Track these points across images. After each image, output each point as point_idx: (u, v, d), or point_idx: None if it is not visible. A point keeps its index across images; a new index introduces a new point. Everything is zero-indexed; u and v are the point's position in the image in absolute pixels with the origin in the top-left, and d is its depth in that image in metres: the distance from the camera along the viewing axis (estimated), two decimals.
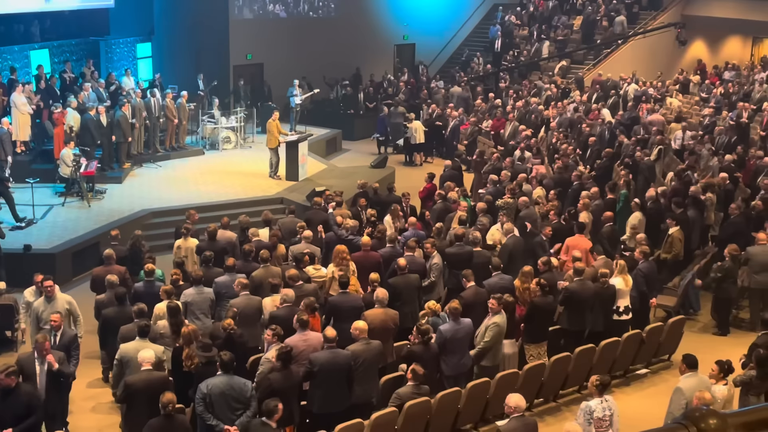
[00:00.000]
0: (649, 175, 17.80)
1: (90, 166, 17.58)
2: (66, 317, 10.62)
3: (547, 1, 31.49)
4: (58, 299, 10.84)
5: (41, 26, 22.89)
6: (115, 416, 10.36)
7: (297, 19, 27.42)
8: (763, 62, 29.49)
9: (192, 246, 13.36)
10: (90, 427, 10.49)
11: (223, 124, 22.35)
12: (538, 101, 24.66)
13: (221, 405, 8.70)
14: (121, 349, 9.67)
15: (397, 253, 12.75)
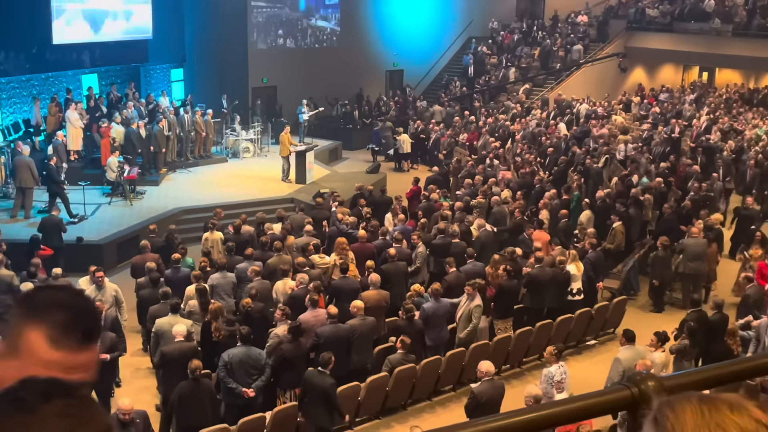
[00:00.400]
0: (597, 179, 17.83)
1: (132, 172, 17.58)
2: (112, 303, 10.53)
3: (513, 35, 31.44)
4: (107, 287, 10.70)
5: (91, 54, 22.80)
6: (152, 379, 10.35)
7: (304, 49, 27.38)
8: (692, 86, 29.61)
9: (217, 238, 13.33)
10: (131, 388, 10.48)
11: (243, 137, 22.31)
12: (505, 118, 24.66)
13: (240, 371, 8.73)
14: (157, 323, 9.69)
15: (388, 244, 12.76)
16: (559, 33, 30.90)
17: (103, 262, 14.58)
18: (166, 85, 25.14)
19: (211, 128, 21.55)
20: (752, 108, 26.17)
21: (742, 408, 1.17)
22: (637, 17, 30.42)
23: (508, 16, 32.61)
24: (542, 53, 29.74)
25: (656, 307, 13.39)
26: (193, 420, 8.25)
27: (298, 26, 26.98)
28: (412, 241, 12.87)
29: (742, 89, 28.62)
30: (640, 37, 30.04)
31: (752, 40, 27.20)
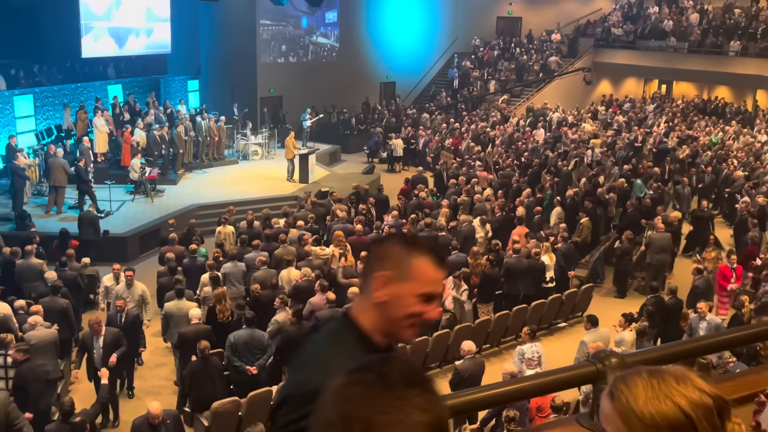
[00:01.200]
0: (567, 180, 17.86)
1: (153, 172, 17.53)
2: (138, 302, 10.03)
3: (493, 51, 31.44)
4: (136, 286, 10.15)
5: (116, 67, 22.77)
6: (169, 357, 10.33)
7: (307, 63, 27.36)
8: (652, 98, 29.65)
9: (229, 231, 13.33)
10: (152, 365, 10.48)
11: (252, 141, 22.29)
12: (486, 125, 24.69)
13: (245, 351, 8.74)
14: (165, 307, 9.76)
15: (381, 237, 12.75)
16: (534, 49, 30.93)
17: (127, 253, 14.63)
18: (183, 94, 25.07)
19: (224, 133, 21.51)
20: (706, 117, 26.21)
21: (687, 379, 1.19)
22: (604, 35, 30.46)
23: (488, 34, 32.60)
24: (518, 67, 29.77)
25: (619, 293, 13.41)
26: (204, 394, 8.26)
27: (300, 42, 26.92)
28: None
29: (696, 100, 28.67)
30: (606, 53, 30.07)
31: (705, 56, 27.28)
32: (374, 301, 1.64)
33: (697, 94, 29.71)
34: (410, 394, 1.03)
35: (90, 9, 19.81)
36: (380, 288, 1.64)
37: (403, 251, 1.66)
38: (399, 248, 1.67)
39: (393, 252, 1.66)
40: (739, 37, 26.68)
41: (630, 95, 30.32)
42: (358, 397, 1.01)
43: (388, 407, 1.00)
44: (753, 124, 24.68)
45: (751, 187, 16.56)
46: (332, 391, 1.06)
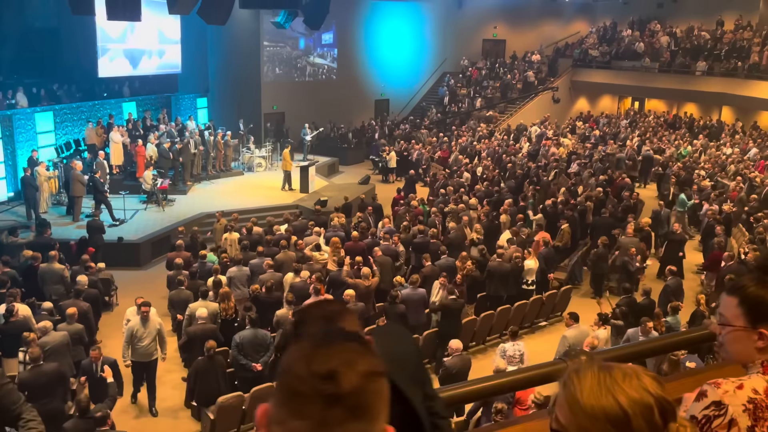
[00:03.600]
0: (547, 189, 17.89)
1: (164, 183, 17.52)
2: (154, 337, 8.99)
3: (480, 71, 31.54)
4: (152, 321, 9.05)
5: (130, 86, 22.76)
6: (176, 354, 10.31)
7: (307, 82, 27.41)
8: (626, 114, 29.77)
9: (235, 237, 13.32)
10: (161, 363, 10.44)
11: (257, 154, 22.31)
12: (473, 139, 24.74)
13: (250, 349, 8.72)
14: (189, 308, 9.67)
15: (375, 242, 12.76)
16: (517, 69, 31.05)
17: (140, 258, 14.61)
18: (193, 111, 25.06)
19: (230, 147, 21.53)
20: (675, 131, 26.32)
21: (633, 377, 1.18)
22: (581, 56, 30.60)
23: (475, 55, 32.70)
24: (503, 85, 29.87)
25: (596, 294, 13.42)
26: (209, 391, 8.26)
27: (297, 63, 26.97)
28: (393, 241, 12.88)
29: (667, 116, 28.79)
30: (583, 73, 30.21)
31: (674, 75, 27.40)
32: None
33: (666, 110, 29.82)
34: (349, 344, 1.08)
35: (106, 32, 19.82)
36: None
37: None
38: None
39: None
40: (705, 58, 26.81)
41: (606, 111, 30.44)
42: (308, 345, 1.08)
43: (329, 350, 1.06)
44: (719, 137, 24.78)
45: (716, 196, 16.62)
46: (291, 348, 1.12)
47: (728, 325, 1.73)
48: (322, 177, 21.62)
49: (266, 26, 23.93)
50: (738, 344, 1.72)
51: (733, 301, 1.72)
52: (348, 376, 1.02)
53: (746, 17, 27.92)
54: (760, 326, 1.67)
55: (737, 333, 1.71)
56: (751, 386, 1.61)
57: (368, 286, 10.50)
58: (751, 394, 1.60)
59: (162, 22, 21.31)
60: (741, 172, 19.06)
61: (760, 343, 1.67)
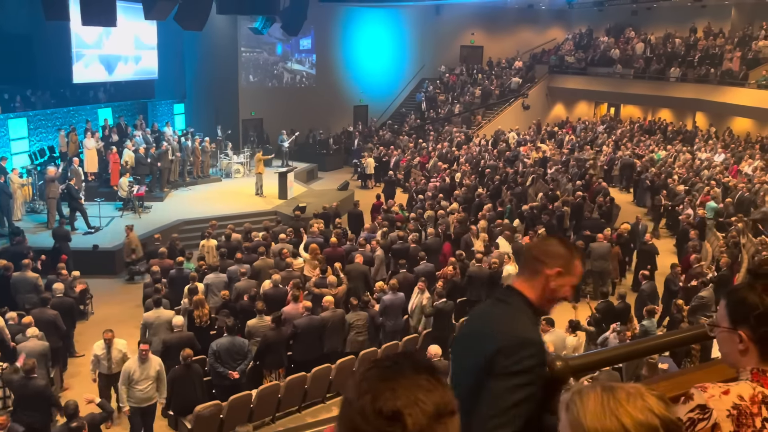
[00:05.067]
0: (525, 195, 18.00)
1: (140, 189, 17.34)
2: (154, 379, 8.19)
3: (459, 77, 31.69)
4: (151, 361, 8.20)
5: (106, 92, 22.54)
6: None
7: (285, 87, 27.33)
8: (602, 120, 30.07)
9: (212, 244, 13.21)
10: None
11: (235, 160, 22.18)
12: (451, 144, 24.83)
13: (227, 357, 8.65)
14: (144, 316, 9.59)
15: (354, 248, 12.73)
16: (495, 75, 31.26)
17: (115, 266, 14.41)
18: (169, 117, 24.87)
19: (207, 153, 21.37)
20: (650, 137, 26.64)
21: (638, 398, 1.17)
22: (558, 62, 30.89)
23: (453, 62, 32.87)
24: (483, 92, 30.05)
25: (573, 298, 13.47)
26: (186, 399, 8.15)
27: (274, 69, 26.89)
28: (372, 246, 12.86)
29: (642, 122, 29.14)
30: (560, 79, 30.48)
31: (649, 81, 27.75)
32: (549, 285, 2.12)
33: (641, 116, 30.19)
34: (418, 377, 1.07)
35: (81, 38, 19.61)
36: (555, 279, 2.11)
37: (569, 253, 2.13)
38: (565, 250, 2.13)
39: (562, 252, 2.12)
40: (678, 65, 27.21)
41: (583, 117, 30.74)
42: (374, 377, 1.06)
43: (396, 384, 1.04)
44: (693, 143, 25.13)
45: (690, 201, 16.83)
46: (355, 375, 1.11)
47: (717, 326, 1.76)
48: (300, 183, 21.55)
49: (243, 32, 23.86)
50: (725, 345, 1.74)
51: (722, 303, 1.76)
52: (415, 417, 0.98)
53: (718, 25, 28.40)
54: (740, 328, 1.69)
55: (723, 334, 1.74)
56: (737, 392, 1.62)
57: (334, 295, 10.43)
58: (737, 400, 1.61)
59: (138, 28, 21.13)
60: (715, 177, 19.32)
61: (740, 346, 1.68)
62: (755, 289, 1.69)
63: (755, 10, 27.75)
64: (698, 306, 10.27)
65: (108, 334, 8.80)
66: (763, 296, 1.67)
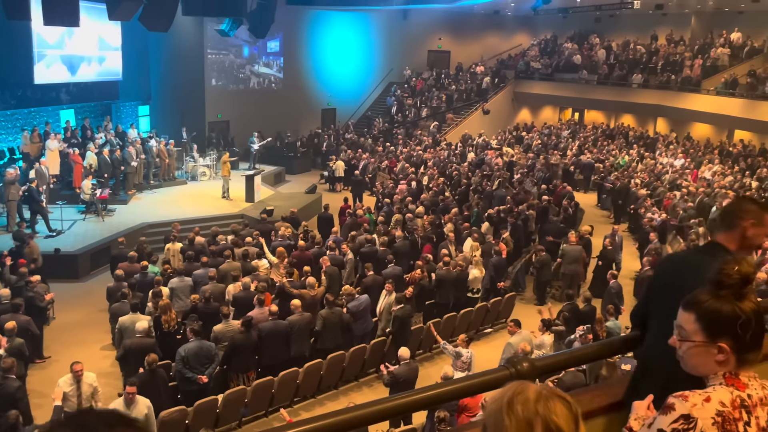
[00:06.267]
0: (492, 198, 18.13)
1: (104, 192, 17.03)
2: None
3: (426, 81, 31.85)
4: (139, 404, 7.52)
5: (68, 92, 22.02)
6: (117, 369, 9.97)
7: (252, 90, 27.17)
8: (567, 124, 30.50)
9: (177, 248, 13.03)
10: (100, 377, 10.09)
11: (201, 163, 21.95)
12: (419, 148, 24.92)
13: (195, 362, 8.55)
14: (120, 321, 9.43)
15: (322, 252, 12.69)
16: (462, 80, 31.49)
17: (78, 270, 14.13)
18: (134, 119, 24.47)
19: (173, 155, 21.10)
20: (613, 141, 27.10)
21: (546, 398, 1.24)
22: (524, 68, 31.26)
23: (421, 66, 33.03)
24: (456, 96, 30.26)
25: (539, 300, 13.64)
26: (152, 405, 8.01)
27: (241, 72, 26.69)
28: (342, 250, 12.83)
29: (605, 127, 29.63)
30: (526, 84, 30.85)
31: (612, 87, 28.27)
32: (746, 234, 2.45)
33: (603, 122, 30.70)
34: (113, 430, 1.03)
35: (43, 38, 19.18)
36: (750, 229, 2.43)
37: (759, 208, 2.48)
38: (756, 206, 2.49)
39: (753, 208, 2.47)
40: (641, 71, 27.76)
41: (548, 122, 31.14)
42: None
43: None
44: (654, 148, 25.65)
45: (652, 204, 17.16)
46: None
47: (688, 340, 1.74)
48: (268, 186, 21.40)
49: (210, 33, 23.65)
50: (698, 358, 1.72)
51: (690, 317, 1.73)
52: None
53: (678, 32, 29.08)
54: (718, 340, 1.68)
55: (697, 348, 1.72)
56: (718, 399, 1.63)
57: (314, 295, 10.42)
58: (719, 407, 1.61)
59: (102, 29, 20.76)
60: (675, 182, 19.75)
61: (720, 356, 1.69)
62: (725, 299, 1.69)
63: (714, 18, 28.49)
64: None
65: (77, 366, 7.90)
66: (737, 305, 1.68)
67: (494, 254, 12.96)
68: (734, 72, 24.61)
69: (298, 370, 9.19)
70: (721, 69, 25.74)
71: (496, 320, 12.63)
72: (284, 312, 9.84)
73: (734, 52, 26.36)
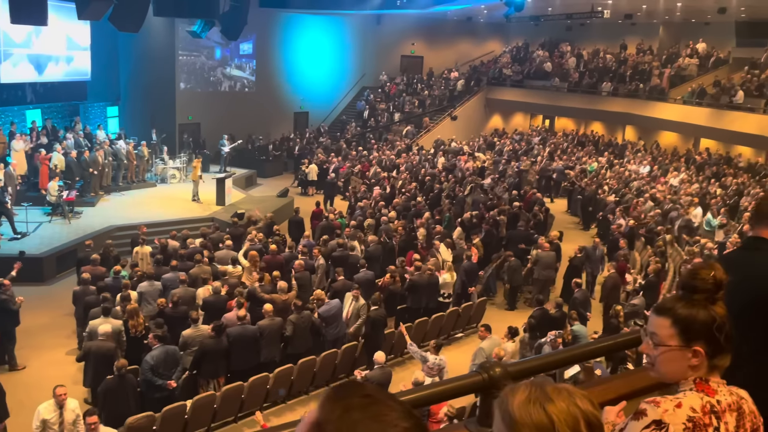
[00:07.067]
0: (464, 204, 18.22)
1: (71, 194, 16.75)
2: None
3: (398, 86, 31.94)
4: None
5: (35, 92, 21.59)
6: None
7: (224, 92, 26.97)
8: (537, 131, 30.82)
9: (146, 251, 12.86)
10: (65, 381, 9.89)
11: (171, 165, 21.71)
12: (391, 153, 24.95)
13: (163, 368, 8.43)
14: (90, 324, 9.27)
15: (294, 256, 12.62)
16: (434, 85, 31.65)
17: (43, 273, 13.85)
18: (102, 119, 24.09)
19: (143, 158, 20.82)
20: (583, 149, 27.44)
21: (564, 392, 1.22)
22: (496, 75, 31.53)
23: (394, 71, 33.12)
24: (421, 102, 30.37)
25: (510, 305, 13.74)
26: (119, 411, 7.88)
27: (211, 76, 26.48)
28: (314, 254, 12.77)
29: (575, 134, 30.00)
30: (497, 91, 31.12)
31: (582, 95, 28.64)
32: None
33: (573, 128, 31.10)
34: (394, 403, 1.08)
35: (9, 36, 18.78)
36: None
37: None
38: None
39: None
40: (610, 79, 28.19)
41: (519, 129, 31.43)
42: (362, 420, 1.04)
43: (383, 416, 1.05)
44: (623, 155, 26.04)
45: (621, 211, 17.40)
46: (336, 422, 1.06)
47: (663, 345, 1.75)
48: (239, 189, 21.24)
49: (182, 34, 23.43)
50: (672, 363, 1.74)
51: (665, 322, 1.75)
52: None
53: (647, 42, 29.63)
54: (694, 344, 1.71)
55: (672, 353, 1.74)
56: (689, 404, 1.64)
57: (285, 300, 10.35)
58: (690, 413, 1.63)
59: (70, 28, 20.41)
60: (643, 189, 20.07)
61: (694, 360, 1.71)
62: (698, 304, 1.72)
63: (681, 29, 29.09)
64: (631, 313, 10.63)
65: (61, 390, 7.33)
66: (711, 309, 1.71)
67: (466, 259, 13.03)
68: (701, 82, 25.13)
69: (268, 375, 9.12)
70: (688, 79, 26.27)
71: (467, 325, 12.68)
72: (255, 317, 9.76)
73: (701, 62, 26.94)
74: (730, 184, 20.24)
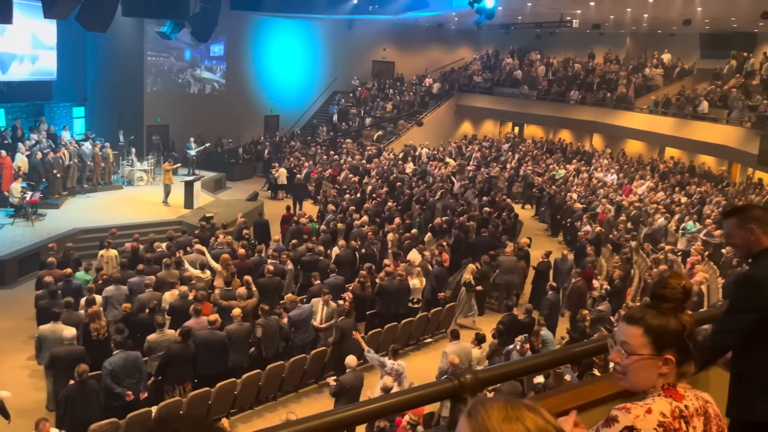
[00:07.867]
0: (434, 209, 18.30)
1: (34, 196, 16.42)
2: None
3: (370, 91, 31.98)
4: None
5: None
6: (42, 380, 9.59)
7: (193, 94, 26.71)
8: (506, 138, 31.11)
9: (112, 255, 12.65)
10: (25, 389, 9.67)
11: (138, 167, 21.41)
12: (362, 158, 24.95)
13: (123, 374, 8.28)
14: (39, 330, 9.09)
15: (263, 260, 12.53)
16: (405, 91, 31.76)
17: (5, 276, 13.54)
18: (68, 120, 23.63)
19: (109, 159, 20.50)
20: (552, 156, 27.76)
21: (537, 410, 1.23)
22: (466, 82, 31.76)
23: (365, 76, 33.15)
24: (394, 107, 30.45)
25: (478, 311, 13.79)
26: (81, 418, 7.70)
27: (179, 78, 26.20)
28: (282, 259, 12.69)
29: (544, 141, 30.34)
30: (468, 97, 31.33)
31: (551, 103, 28.99)
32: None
33: (542, 136, 31.46)
34: None
35: None
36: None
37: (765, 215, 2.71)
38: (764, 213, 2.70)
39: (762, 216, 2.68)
40: (578, 88, 28.60)
41: (489, 135, 31.68)
42: None
43: None
44: (590, 162, 26.42)
45: (588, 218, 17.64)
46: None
47: (635, 354, 1.78)
48: (208, 192, 21.02)
49: (150, 35, 23.13)
50: (644, 371, 1.78)
51: (637, 331, 1.78)
52: None
53: (614, 52, 30.15)
54: (665, 352, 1.75)
55: (644, 361, 1.77)
56: (659, 410, 1.68)
57: (243, 307, 10.20)
58: (660, 418, 1.66)
59: (36, 26, 20.01)
60: (609, 196, 20.38)
61: (664, 368, 1.75)
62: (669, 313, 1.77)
63: (648, 40, 29.66)
64: (597, 319, 10.77)
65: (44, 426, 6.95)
66: (681, 317, 1.77)
67: (436, 264, 13.08)
68: (666, 92, 25.65)
69: (236, 381, 9.02)
70: (653, 88, 26.79)
71: (436, 330, 12.71)
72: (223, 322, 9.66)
73: (666, 73, 27.49)
74: (694, 192, 20.66)
